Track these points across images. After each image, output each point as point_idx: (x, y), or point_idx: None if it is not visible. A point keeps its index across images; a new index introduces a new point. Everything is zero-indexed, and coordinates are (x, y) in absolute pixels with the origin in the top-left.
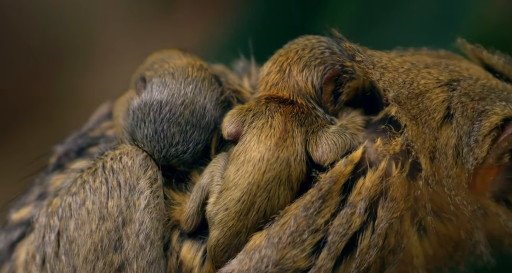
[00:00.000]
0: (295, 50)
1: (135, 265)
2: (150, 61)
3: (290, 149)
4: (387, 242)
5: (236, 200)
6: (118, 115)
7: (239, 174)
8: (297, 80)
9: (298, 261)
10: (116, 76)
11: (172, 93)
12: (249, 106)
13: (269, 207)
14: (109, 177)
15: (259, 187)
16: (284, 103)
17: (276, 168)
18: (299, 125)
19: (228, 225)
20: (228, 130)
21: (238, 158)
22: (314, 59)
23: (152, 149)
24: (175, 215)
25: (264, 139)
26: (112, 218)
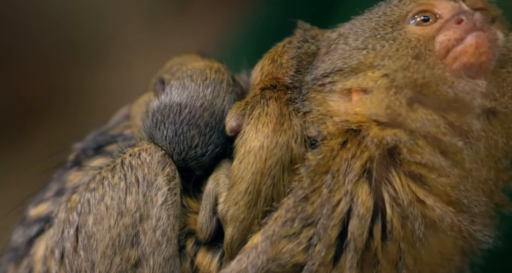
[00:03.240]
0: (282, 45)
1: (152, 261)
2: (169, 65)
3: (289, 132)
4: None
5: (243, 192)
6: (136, 115)
7: (242, 166)
8: (288, 66)
9: (296, 256)
10: (133, 72)
11: (191, 96)
12: (247, 99)
13: (276, 194)
14: (128, 173)
15: (263, 175)
16: (278, 88)
17: (277, 153)
18: (296, 108)
19: (239, 219)
20: (229, 125)
21: (240, 151)
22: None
23: (172, 151)
24: (190, 223)
25: (262, 127)
26: (130, 214)
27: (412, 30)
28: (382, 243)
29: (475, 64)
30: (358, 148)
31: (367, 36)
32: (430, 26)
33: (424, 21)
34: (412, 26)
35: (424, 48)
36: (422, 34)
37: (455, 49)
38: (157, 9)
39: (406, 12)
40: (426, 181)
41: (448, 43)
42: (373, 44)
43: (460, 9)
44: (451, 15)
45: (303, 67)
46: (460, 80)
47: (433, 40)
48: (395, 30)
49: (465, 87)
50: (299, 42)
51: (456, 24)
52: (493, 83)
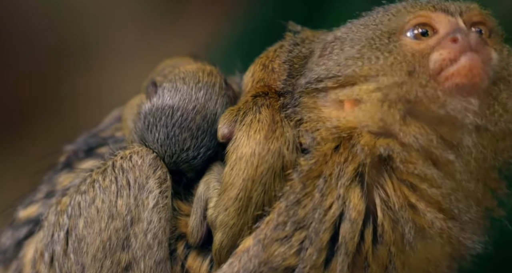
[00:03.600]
0: (273, 50)
1: (143, 264)
2: (161, 67)
3: (281, 139)
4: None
5: (234, 198)
6: (127, 117)
7: (234, 172)
8: (280, 71)
9: (288, 259)
10: (124, 75)
11: (184, 98)
12: (239, 106)
13: (267, 200)
14: (119, 175)
15: (254, 181)
16: (270, 95)
17: (268, 160)
18: (287, 114)
19: (229, 225)
20: (221, 132)
21: (231, 157)
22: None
23: (163, 154)
24: (181, 226)
25: (254, 134)
26: (121, 217)
27: (409, 44)
28: (372, 247)
29: (467, 85)
30: (351, 152)
31: (363, 45)
32: (426, 42)
33: (421, 34)
34: (408, 39)
35: (418, 64)
36: (417, 49)
37: (449, 69)
38: (148, 12)
39: (404, 23)
40: (417, 188)
41: (442, 63)
42: (369, 55)
43: (456, 26)
44: (447, 32)
45: (296, 71)
46: (452, 99)
47: (427, 57)
48: (391, 41)
49: (457, 105)
50: (290, 45)
51: (452, 43)
52: (484, 101)
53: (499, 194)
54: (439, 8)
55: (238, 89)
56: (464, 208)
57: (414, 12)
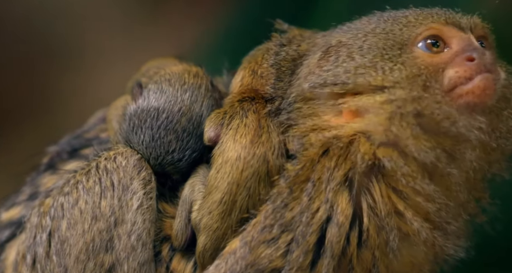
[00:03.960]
0: (262, 54)
1: (126, 266)
2: (145, 68)
3: (266, 144)
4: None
5: (218, 202)
6: (112, 118)
7: (219, 176)
8: (267, 74)
9: (275, 261)
10: (109, 75)
11: (169, 100)
12: (225, 109)
13: (251, 204)
14: (103, 176)
15: (238, 185)
16: (257, 99)
17: (253, 165)
18: (275, 120)
19: (213, 228)
20: (207, 135)
21: (217, 160)
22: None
23: (148, 156)
24: (166, 228)
25: (240, 138)
26: (105, 218)
27: (421, 56)
28: (357, 250)
29: (478, 104)
30: (341, 157)
31: (375, 54)
32: (439, 56)
33: (433, 45)
34: (421, 51)
35: (433, 79)
36: (431, 63)
37: (463, 87)
38: (132, 13)
39: (416, 34)
40: (408, 198)
41: (457, 80)
42: (382, 65)
43: (470, 43)
44: (461, 48)
45: (283, 74)
46: (462, 116)
47: (442, 72)
48: (403, 52)
49: (465, 122)
50: (276, 46)
51: (467, 62)
52: (489, 118)
53: (483, 203)
54: (451, 22)
55: (224, 90)
56: (452, 219)
57: (427, 24)
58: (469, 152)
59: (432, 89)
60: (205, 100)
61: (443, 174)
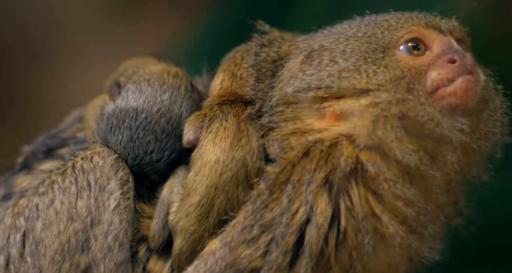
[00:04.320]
0: (241, 57)
1: (102, 267)
2: (123, 67)
3: (246, 148)
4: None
5: (196, 205)
6: (90, 118)
7: (197, 179)
8: (247, 76)
9: (254, 261)
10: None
11: (148, 101)
12: (205, 112)
13: (229, 207)
14: (79, 176)
15: (217, 189)
16: (237, 103)
17: (232, 168)
18: (254, 123)
19: (189, 231)
20: (187, 138)
21: (196, 163)
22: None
23: (126, 156)
24: (143, 229)
25: (219, 141)
26: (81, 219)
27: (404, 59)
28: (335, 250)
29: (460, 105)
30: (322, 160)
31: (358, 57)
32: (421, 58)
33: (414, 48)
34: (403, 54)
35: (417, 82)
36: (413, 65)
37: (445, 88)
38: (110, 12)
39: (398, 38)
40: (387, 202)
41: (439, 82)
42: (365, 68)
43: (451, 45)
44: (442, 50)
45: (263, 75)
46: (445, 117)
47: (424, 74)
48: (386, 55)
49: (448, 123)
50: (257, 47)
51: (449, 64)
52: (469, 120)
53: (459, 206)
54: (431, 25)
55: (204, 91)
56: (429, 222)
57: (408, 28)
58: (451, 154)
59: (416, 91)
60: (184, 100)
61: (424, 176)
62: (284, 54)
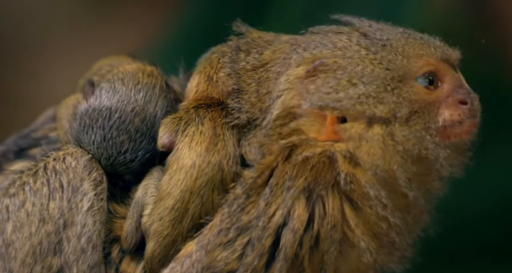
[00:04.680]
0: (217, 59)
1: (75, 269)
2: (97, 66)
3: (222, 152)
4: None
5: (170, 209)
6: (63, 117)
7: (172, 182)
8: (227, 85)
9: (230, 263)
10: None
11: (122, 100)
12: (180, 115)
13: (204, 212)
14: (51, 178)
15: (192, 193)
16: (213, 107)
17: (208, 173)
18: (231, 127)
19: (163, 235)
20: (161, 141)
21: (171, 167)
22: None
23: (99, 156)
24: (116, 229)
25: (195, 145)
26: (53, 220)
27: (421, 92)
28: (309, 253)
29: (460, 144)
30: (305, 167)
31: (378, 84)
32: (435, 93)
33: (429, 82)
34: (420, 87)
35: (432, 120)
36: (428, 100)
37: (452, 129)
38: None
39: (417, 69)
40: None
41: (449, 123)
42: (385, 96)
43: (461, 83)
44: (453, 87)
45: (246, 84)
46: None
47: (437, 110)
48: (404, 86)
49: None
50: (232, 52)
51: (460, 104)
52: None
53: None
54: (445, 59)
55: (180, 90)
56: (402, 236)
57: (426, 60)
58: (437, 183)
59: (430, 130)
60: (159, 100)
61: (412, 204)
62: (267, 60)
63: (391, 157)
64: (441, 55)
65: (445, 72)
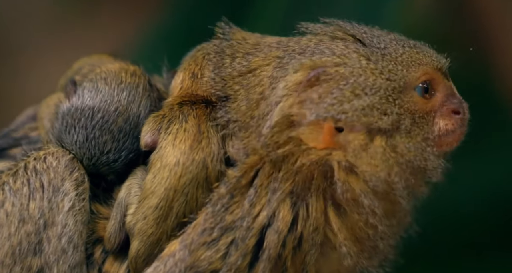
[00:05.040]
0: (202, 56)
1: (56, 269)
2: (79, 65)
3: (206, 150)
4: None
5: (154, 207)
6: (44, 117)
7: (156, 181)
8: (213, 88)
9: (214, 263)
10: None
11: (105, 100)
12: (164, 112)
13: (188, 210)
14: (32, 177)
15: (176, 191)
16: (197, 104)
17: (192, 170)
18: (215, 125)
19: (147, 234)
20: (144, 140)
21: (155, 165)
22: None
23: (82, 156)
24: (99, 230)
25: (179, 143)
26: (33, 221)
27: (419, 102)
28: (292, 253)
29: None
30: (294, 171)
31: (381, 95)
32: (431, 102)
33: (425, 90)
34: (418, 96)
35: (429, 129)
36: (425, 109)
37: (446, 138)
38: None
39: (415, 78)
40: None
41: (444, 132)
42: (388, 107)
43: (453, 93)
44: (446, 96)
45: (232, 90)
46: (438, 160)
47: (432, 120)
48: (405, 96)
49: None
50: (217, 56)
51: (453, 114)
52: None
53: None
54: (439, 68)
55: (163, 89)
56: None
57: (423, 69)
58: (425, 190)
59: (429, 140)
60: (143, 100)
61: (399, 209)
62: (255, 66)
63: (392, 168)
64: (436, 64)
65: (439, 81)
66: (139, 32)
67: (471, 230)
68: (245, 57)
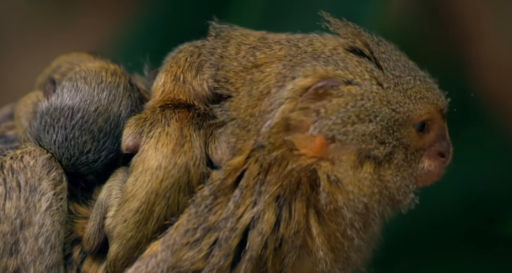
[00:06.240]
0: (184, 58)
1: (32, 270)
2: (56, 64)
3: (189, 154)
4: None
5: (135, 211)
6: (21, 115)
7: (137, 184)
8: (192, 85)
9: (196, 263)
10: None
11: (85, 99)
12: (145, 115)
13: (169, 214)
14: (8, 177)
15: (157, 195)
16: (180, 108)
17: (174, 174)
18: (198, 129)
19: (127, 237)
20: (126, 144)
21: (137, 168)
22: (204, 62)
23: (60, 156)
24: (77, 230)
25: (161, 147)
26: (9, 221)
27: (414, 138)
28: (273, 254)
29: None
30: (282, 175)
31: (384, 125)
32: (423, 139)
33: (422, 128)
34: (414, 132)
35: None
36: (417, 146)
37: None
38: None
39: (418, 116)
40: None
41: (426, 171)
42: (387, 138)
43: (445, 134)
44: (437, 136)
45: (233, 87)
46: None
47: (420, 157)
48: (404, 130)
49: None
50: (206, 56)
51: (439, 156)
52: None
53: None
54: (440, 110)
55: (145, 88)
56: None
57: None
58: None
59: (412, 177)
60: (123, 99)
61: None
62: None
63: (374, 195)
64: (441, 105)
65: (437, 121)
66: (117, 29)
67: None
68: (251, 51)
